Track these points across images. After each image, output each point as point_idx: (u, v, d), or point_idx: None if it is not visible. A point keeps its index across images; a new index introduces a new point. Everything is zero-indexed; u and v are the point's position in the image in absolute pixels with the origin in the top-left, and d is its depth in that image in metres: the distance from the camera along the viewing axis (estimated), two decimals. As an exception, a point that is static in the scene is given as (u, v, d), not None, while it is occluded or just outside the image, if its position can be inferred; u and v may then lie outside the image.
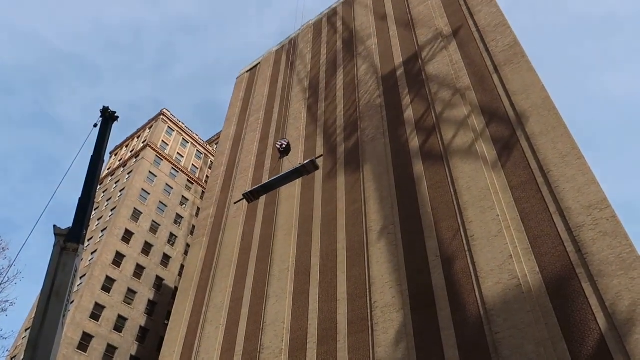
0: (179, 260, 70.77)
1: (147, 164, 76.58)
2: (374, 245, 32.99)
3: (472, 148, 33.14)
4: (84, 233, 16.18)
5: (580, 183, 26.86)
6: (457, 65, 40.18)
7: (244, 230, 45.41)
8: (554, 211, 26.65)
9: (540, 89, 33.04)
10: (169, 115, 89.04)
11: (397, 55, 47.17)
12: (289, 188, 44.53)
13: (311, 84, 56.03)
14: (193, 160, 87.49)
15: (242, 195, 22.27)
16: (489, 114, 34.50)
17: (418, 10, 50.10)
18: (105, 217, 69.28)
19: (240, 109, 65.60)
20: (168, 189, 77.06)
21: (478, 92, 36.68)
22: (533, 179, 28.89)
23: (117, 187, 75.48)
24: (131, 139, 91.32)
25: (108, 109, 19.77)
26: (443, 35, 44.24)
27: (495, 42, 38.98)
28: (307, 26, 68.96)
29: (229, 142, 60.88)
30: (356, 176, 39.31)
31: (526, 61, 35.58)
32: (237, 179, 53.06)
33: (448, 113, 36.97)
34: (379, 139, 40.37)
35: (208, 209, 52.74)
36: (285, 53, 68.16)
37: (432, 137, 36.53)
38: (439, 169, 33.91)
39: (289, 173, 21.27)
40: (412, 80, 42.80)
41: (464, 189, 31.23)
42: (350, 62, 52.89)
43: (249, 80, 70.44)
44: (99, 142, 18.73)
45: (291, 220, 41.14)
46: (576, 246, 24.69)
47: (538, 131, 30.75)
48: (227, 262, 43.50)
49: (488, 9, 42.57)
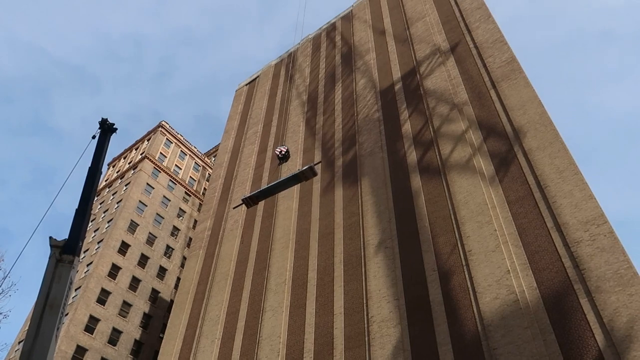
0: (175, 272, 70.38)
1: (145, 175, 76.52)
2: (371, 259, 32.88)
3: (470, 163, 33.24)
4: (80, 245, 16.10)
5: (577, 198, 26.91)
6: (454, 81, 40.47)
7: (241, 243, 45.25)
8: (551, 226, 26.66)
9: (537, 104, 33.26)
10: (168, 128, 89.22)
11: (396, 70, 47.52)
12: (287, 201, 44.50)
13: (310, 98, 56.31)
14: (191, 173, 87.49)
15: (241, 200, 22.41)
16: (487, 129, 34.67)
17: (416, 26, 50.60)
18: (101, 229, 69.00)
19: (238, 122, 65.80)
20: (165, 201, 76.91)
21: (476, 107, 36.90)
22: (530, 194, 28.94)
23: (114, 198, 75.30)
24: (129, 151, 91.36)
25: (106, 120, 19.77)
26: (441, 51, 44.63)
27: (492, 58, 39.33)
28: (306, 40, 69.52)
29: (227, 154, 60.94)
30: (354, 190, 39.33)
31: (523, 77, 35.86)
32: (234, 191, 53.01)
33: (446, 128, 37.15)
34: (377, 152, 40.48)
35: (205, 222, 52.59)
36: (285, 67, 68.60)
37: (429, 152, 36.65)
38: (437, 183, 33.97)
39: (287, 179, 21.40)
40: (410, 95, 43.06)
41: (462, 204, 31.25)
42: (349, 76, 53.23)
43: (248, 93, 70.76)
44: (97, 154, 18.69)
45: (288, 234, 41.03)
46: (574, 262, 24.66)
47: (535, 146, 30.89)
48: (223, 275, 43.27)
49: (485, 25, 43.02)
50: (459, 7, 47.77)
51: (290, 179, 21.32)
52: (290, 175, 21.30)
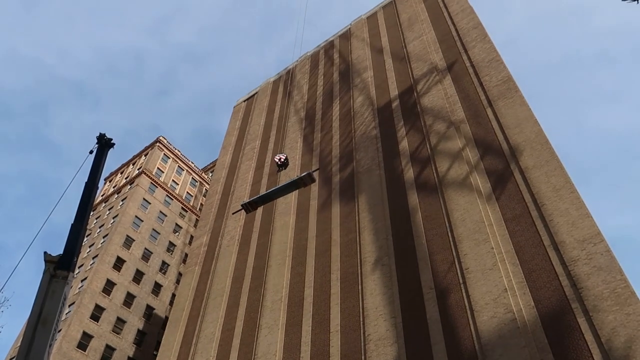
0: (170, 289, 69.78)
1: (142, 191, 76.33)
2: (368, 277, 32.70)
3: (467, 180, 33.32)
4: (75, 260, 15.98)
5: (574, 217, 26.94)
6: (451, 99, 40.78)
7: (237, 259, 45.00)
8: (548, 245, 26.63)
9: (533, 123, 33.49)
10: (165, 143, 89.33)
11: (393, 87, 47.88)
12: (284, 217, 44.41)
13: (307, 114, 56.58)
14: (188, 188, 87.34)
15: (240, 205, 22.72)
16: (483, 147, 34.84)
17: (413, 45, 51.14)
18: (97, 244, 68.55)
19: (236, 138, 65.96)
20: (162, 217, 76.62)
21: (472, 125, 37.13)
22: (527, 212, 28.97)
23: (110, 213, 74.98)
24: (126, 166, 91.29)
25: (104, 135, 19.79)
26: (438, 69, 45.05)
27: (489, 77, 39.70)
28: (305, 58, 70.12)
29: (225, 170, 60.95)
30: (351, 206, 39.29)
31: (519, 96, 36.17)
32: (231, 207, 52.88)
33: (443, 145, 37.31)
34: (374, 169, 40.56)
35: (201, 237, 52.34)
36: (283, 83, 69.06)
37: (427, 169, 36.75)
38: (434, 200, 33.99)
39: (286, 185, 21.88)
40: (408, 113, 43.33)
41: (459, 221, 31.23)
42: (347, 93, 53.59)
43: (246, 110, 71.07)
44: (94, 169, 18.67)
45: (285, 250, 40.85)
46: (571, 280, 24.58)
47: (531, 165, 31.01)
48: (219, 291, 42.92)
49: (482, 45, 43.52)
50: (455, 26, 48.37)
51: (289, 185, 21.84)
52: (289, 182, 21.82)
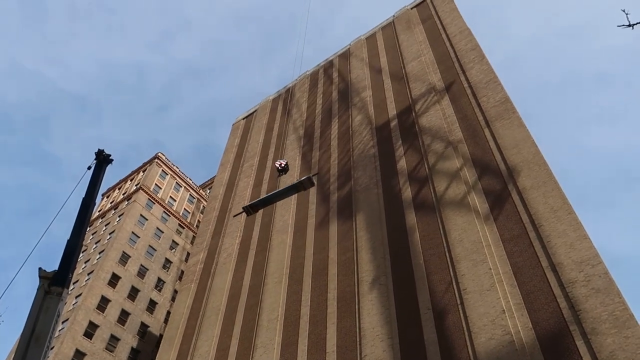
0: (165, 306, 69.10)
1: (139, 207, 76.12)
2: (365, 296, 32.46)
3: (465, 200, 33.34)
4: (70, 277, 15.87)
5: (571, 238, 26.90)
6: (449, 119, 41.03)
7: (234, 276, 44.69)
8: (546, 266, 26.53)
9: (530, 144, 33.66)
10: (164, 159, 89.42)
11: (392, 107, 48.20)
12: (281, 235, 44.25)
13: (306, 133, 56.81)
14: (185, 205, 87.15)
15: (242, 208, 23.45)
16: (481, 167, 34.94)
17: (412, 65, 51.65)
18: (92, 260, 68.07)
19: (235, 155, 66.08)
20: (158, 233, 76.28)
21: (470, 145, 37.29)
22: (525, 233, 28.93)
23: (107, 229, 74.62)
24: (124, 182, 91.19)
25: (103, 151, 19.84)
26: (436, 90, 45.42)
27: (486, 98, 40.02)
28: (304, 76, 70.70)
29: (222, 187, 60.91)
30: (348, 225, 39.20)
31: (517, 117, 36.42)
32: (228, 224, 52.72)
33: (441, 165, 37.41)
34: (372, 188, 40.58)
35: (198, 255, 52.05)
36: (282, 101, 69.50)
37: (424, 188, 36.78)
38: (432, 220, 33.94)
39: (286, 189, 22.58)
40: (406, 132, 43.55)
41: (456, 241, 31.15)
42: (345, 112, 53.91)
43: (245, 127, 71.35)
44: (92, 185, 18.67)
45: (282, 268, 40.60)
46: (569, 302, 24.43)
47: (529, 185, 31.08)
48: (214, 310, 42.51)
49: (479, 66, 43.97)
50: (453, 47, 48.93)
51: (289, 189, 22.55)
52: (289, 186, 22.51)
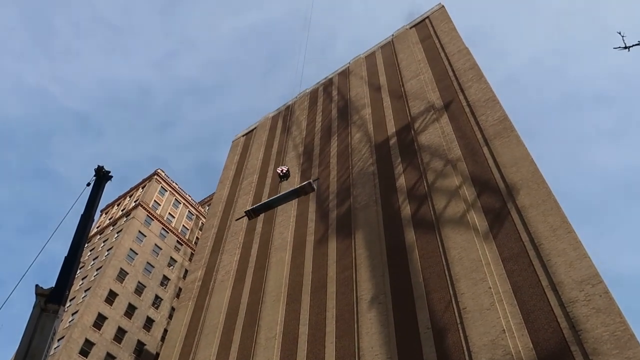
0: (162, 324, 68.39)
1: (138, 223, 75.87)
2: (364, 315, 32.18)
3: (464, 218, 33.26)
4: (67, 294, 15.75)
5: (571, 257, 26.78)
6: (448, 137, 41.18)
7: (232, 294, 44.34)
8: (546, 285, 26.36)
9: (529, 162, 33.72)
10: (163, 176, 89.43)
11: (391, 125, 48.41)
12: (280, 252, 44.04)
13: (306, 150, 56.95)
14: (184, 221, 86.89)
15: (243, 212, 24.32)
16: (480, 185, 34.95)
17: (411, 84, 52.03)
18: (90, 277, 67.58)
19: (234, 172, 66.12)
20: (157, 250, 75.89)
21: (469, 163, 37.36)
22: (524, 251, 28.81)
23: (104, 246, 74.25)
24: (123, 198, 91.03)
25: (102, 168, 19.88)
26: (435, 108, 45.67)
27: (485, 117, 40.22)
28: (304, 94, 71.15)
29: (222, 204, 60.81)
30: (347, 243, 39.04)
31: (515, 135, 36.56)
32: (227, 241, 52.50)
33: (440, 183, 37.43)
34: (371, 206, 40.52)
35: (196, 272, 51.72)
36: (282, 119, 69.80)
37: (424, 206, 36.73)
38: (431, 238, 33.82)
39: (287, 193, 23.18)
40: (405, 150, 43.66)
41: (456, 260, 31.00)
42: (345, 129, 54.11)
43: (245, 144, 71.54)
44: (90, 202, 18.66)
45: (280, 286, 40.31)
46: (570, 322, 24.22)
47: (528, 204, 31.05)
48: (212, 328, 42.08)
49: (478, 85, 44.29)
50: (452, 66, 49.35)
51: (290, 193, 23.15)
52: (291, 190, 23.09)
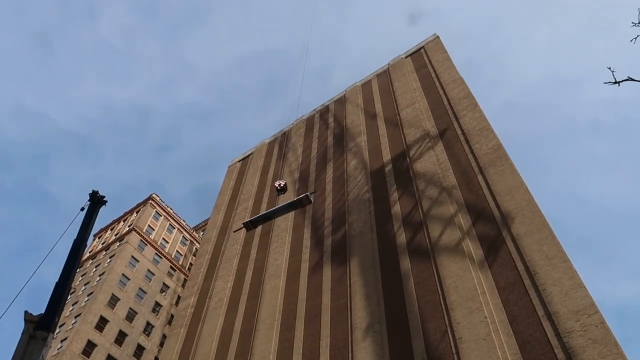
0: (153, 352, 67.10)
1: (131, 248, 75.22)
2: (359, 344, 31.71)
3: (459, 246, 33.18)
4: (57, 320, 15.48)
5: (567, 287, 26.65)
6: (443, 165, 41.42)
7: (225, 322, 43.69)
8: (542, 315, 26.15)
9: (523, 191, 33.88)
10: (158, 200, 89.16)
11: (386, 152, 48.72)
12: (274, 279, 43.64)
13: (301, 176, 57.07)
14: (178, 247, 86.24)
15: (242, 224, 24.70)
16: (475, 213, 35.00)
17: (406, 112, 52.60)
18: (80, 302, 66.55)
19: (229, 197, 66.02)
20: (149, 275, 75.05)
21: (464, 191, 37.49)
22: (520, 280, 28.66)
23: (96, 271, 73.38)
24: (117, 222, 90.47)
25: (97, 193, 19.81)
26: (430, 136, 46.08)
27: (479, 145, 40.57)
28: (300, 121, 71.72)
29: (216, 229, 60.49)
30: (342, 270, 38.77)
31: (509, 164, 36.82)
32: (221, 268, 52.03)
33: (435, 210, 37.46)
34: (367, 233, 40.41)
35: (189, 298, 51.04)
36: (278, 145, 70.15)
37: (419, 234, 36.66)
38: (426, 266, 33.65)
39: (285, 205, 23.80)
40: (400, 177, 43.83)
41: (451, 288, 30.78)
42: (341, 156, 54.38)
43: (241, 170, 71.66)
44: (84, 227, 18.52)
45: (274, 314, 39.78)
46: (566, 353, 23.94)
47: (523, 232, 31.05)
48: (204, 356, 41.29)
49: (472, 114, 44.82)
50: (447, 95, 50.01)
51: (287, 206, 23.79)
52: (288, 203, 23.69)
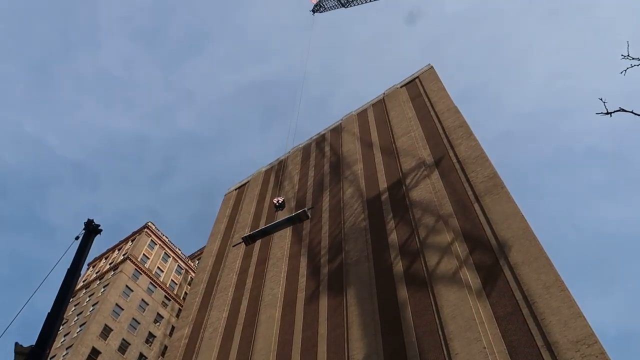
0: (145, 384, 65.56)
1: (125, 277, 74.33)
2: (356, 376, 31.08)
3: (457, 275, 32.96)
4: (47, 353, 15.18)
5: (566, 316, 26.40)
6: (439, 193, 41.51)
7: (219, 353, 42.87)
8: (541, 345, 25.80)
9: (520, 219, 33.88)
10: (154, 229, 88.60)
11: (382, 180, 48.86)
12: (270, 309, 43.07)
13: (298, 204, 56.98)
14: (173, 276, 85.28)
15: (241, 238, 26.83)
16: (472, 242, 34.90)
17: (402, 141, 53.01)
18: (72, 333, 65.30)
19: (225, 225, 65.71)
20: (143, 305, 73.94)
21: (460, 219, 37.46)
22: (518, 309, 28.39)
23: (90, 300, 72.28)
24: (112, 251, 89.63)
25: (92, 221, 19.71)
26: (426, 164, 46.32)
27: (475, 173, 40.77)
28: (297, 149, 72.08)
29: (212, 258, 59.99)
30: (339, 300, 38.34)
31: (505, 192, 36.93)
32: (216, 297, 51.37)
33: (432, 239, 37.35)
34: (363, 262, 40.15)
35: (183, 329, 50.19)
36: (274, 173, 70.30)
37: (416, 262, 36.44)
38: (423, 295, 33.33)
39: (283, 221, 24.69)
40: (397, 205, 43.84)
41: (449, 318, 30.42)
42: (337, 185, 54.48)
43: (237, 198, 71.56)
44: (78, 256, 18.36)
45: (269, 345, 39.10)
46: (567, 385, 23.54)
47: (520, 261, 30.92)
48: (197, 389, 40.36)
49: (467, 142, 45.19)
50: (442, 124, 50.51)
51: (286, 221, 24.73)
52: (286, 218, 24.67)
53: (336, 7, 57.12)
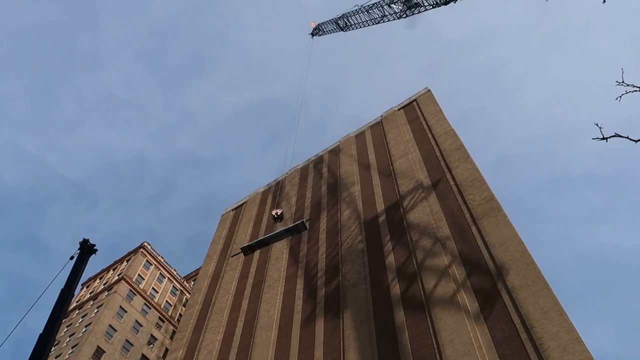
0: (137, 408, 64.23)
1: (119, 298, 73.48)
2: (352, 401, 30.53)
3: (454, 299, 32.68)
4: (37, 375, 14.89)
5: (564, 341, 26.11)
6: (437, 216, 41.45)
7: None
8: (540, 371, 25.45)
9: (517, 242, 33.77)
10: (149, 249, 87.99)
11: (380, 202, 48.81)
12: (265, 332, 42.51)
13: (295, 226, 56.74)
14: (167, 297, 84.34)
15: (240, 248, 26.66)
16: (470, 265, 34.71)
17: (399, 163, 53.17)
18: (64, 355, 64.21)
19: (222, 246, 65.30)
20: (137, 326, 72.90)
21: (458, 242, 37.33)
22: (517, 334, 28.08)
23: (83, 321, 71.28)
24: (106, 271, 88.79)
25: (87, 241, 19.56)
26: (423, 187, 46.37)
27: (472, 196, 40.79)
28: (294, 170, 72.17)
29: (207, 279, 59.43)
30: (336, 322, 37.89)
31: (502, 215, 36.90)
32: (211, 319, 50.73)
33: (429, 261, 37.14)
34: (360, 284, 39.82)
35: (177, 351, 49.41)
36: (272, 194, 70.21)
37: (413, 285, 36.16)
38: (421, 319, 32.97)
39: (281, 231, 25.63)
40: (394, 228, 43.70)
41: (447, 342, 30.06)
42: (334, 206, 54.38)
43: (234, 219, 71.29)
44: (72, 276, 18.17)
45: (265, 368, 38.47)
46: (567, 412, 23.14)
47: (518, 284, 30.71)
48: (190, 413, 39.53)
49: (465, 165, 45.34)
50: (439, 147, 50.75)
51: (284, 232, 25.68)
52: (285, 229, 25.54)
53: (335, 31, 57.92)
